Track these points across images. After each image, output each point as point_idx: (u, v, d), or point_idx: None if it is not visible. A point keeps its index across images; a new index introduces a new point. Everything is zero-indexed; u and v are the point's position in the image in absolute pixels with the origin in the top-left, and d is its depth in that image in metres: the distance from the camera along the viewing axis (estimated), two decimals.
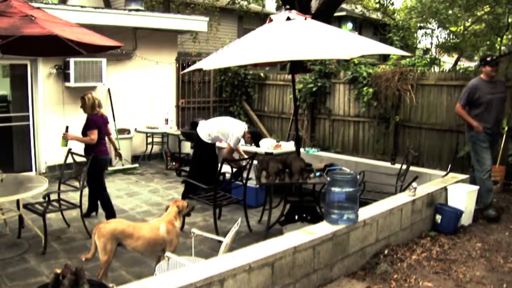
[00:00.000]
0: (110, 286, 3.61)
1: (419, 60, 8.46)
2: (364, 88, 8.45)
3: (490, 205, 5.47)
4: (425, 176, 5.82)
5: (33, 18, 4.06)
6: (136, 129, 9.04)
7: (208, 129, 6.12)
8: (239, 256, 3.08)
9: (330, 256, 3.68)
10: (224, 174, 5.71)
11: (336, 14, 17.17)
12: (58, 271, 2.60)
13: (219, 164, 5.23)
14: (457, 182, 5.38)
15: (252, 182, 5.87)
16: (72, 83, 7.90)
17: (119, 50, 8.26)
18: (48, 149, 7.97)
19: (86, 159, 5.23)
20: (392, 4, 16.96)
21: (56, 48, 5.02)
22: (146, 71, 9.16)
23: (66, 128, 5.55)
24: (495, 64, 5.51)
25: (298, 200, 5.32)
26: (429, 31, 20.96)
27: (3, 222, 5.22)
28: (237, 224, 3.47)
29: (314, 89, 9.18)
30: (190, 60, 9.71)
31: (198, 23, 9.57)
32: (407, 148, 7.17)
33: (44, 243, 4.72)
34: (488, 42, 14.80)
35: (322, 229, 3.69)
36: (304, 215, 5.21)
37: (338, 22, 20.76)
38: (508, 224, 5.28)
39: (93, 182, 5.45)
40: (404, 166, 5.69)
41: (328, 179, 3.92)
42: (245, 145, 6.71)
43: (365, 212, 4.09)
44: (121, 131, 8.69)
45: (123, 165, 8.46)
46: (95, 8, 8.54)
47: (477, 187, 5.33)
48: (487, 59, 5.53)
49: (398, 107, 8.19)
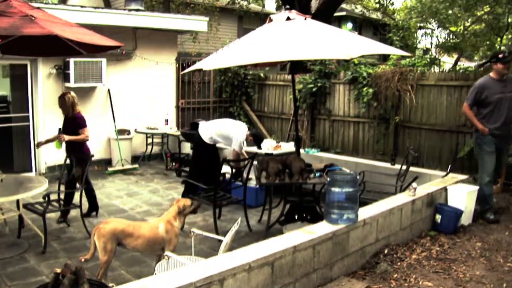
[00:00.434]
0: (110, 285, 3.61)
1: (419, 60, 8.46)
2: (364, 89, 8.45)
3: (489, 208, 5.43)
4: (425, 176, 5.82)
5: (33, 18, 4.06)
6: (136, 129, 9.04)
7: (209, 132, 6.10)
8: (239, 256, 3.08)
9: (330, 255, 3.68)
10: (224, 174, 5.72)
11: (336, 14, 17.18)
12: (58, 271, 2.60)
13: (220, 164, 5.23)
14: (457, 182, 5.38)
15: (252, 182, 5.87)
16: (72, 84, 7.90)
17: (119, 50, 8.26)
18: (48, 149, 7.93)
19: (70, 160, 5.28)
20: (392, 4, 16.99)
21: (56, 48, 5.02)
22: (146, 71, 9.16)
23: (59, 130, 5.61)
24: (507, 61, 5.21)
25: (298, 200, 5.32)
26: (429, 31, 21.00)
27: (3, 222, 5.23)
28: (237, 223, 3.47)
29: (314, 89, 9.18)
30: (190, 60, 9.71)
31: (198, 23, 9.57)
32: (407, 148, 7.16)
33: (44, 243, 4.73)
34: (488, 42, 14.82)
35: (322, 228, 3.70)
36: (304, 214, 5.21)
37: (338, 22, 20.77)
38: (508, 224, 5.28)
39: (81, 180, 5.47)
40: (404, 167, 5.69)
41: (328, 179, 3.92)
42: (246, 146, 6.70)
43: (365, 212, 4.09)
44: (121, 132, 8.70)
45: (123, 165, 8.46)
46: (95, 8, 8.55)
47: (476, 187, 5.33)
48: (499, 56, 5.27)
49: (398, 108, 8.19)
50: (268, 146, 6.89)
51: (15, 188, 4.84)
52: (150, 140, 9.25)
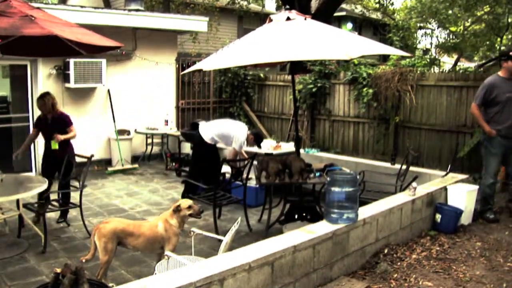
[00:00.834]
0: (110, 285, 3.61)
1: (419, 60, 8.46)
2: (364, 89, 8.45)
3: (489, 208, 5.43)
4: (425, 176, 5.82)
5: (33, 18, 4.06)
6: (136, 130, 9.04)
7: (210, 132, 6.11)
8: (239, 255, 3.08)
9: (330, 255, 3.68)
10: (224, 174, 5.72)
11: (336, 14, 17.18)
12: (58, 271, 2.60)
13: (220, 164, 5.23)
14: (456, 182, 5.38)
15: (252, 182, 5.87)
16: (72, 84, 7.91)
17: (119, 51, 8.25)
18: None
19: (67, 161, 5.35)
20: (392, 4, 16.99)
21: (56, 48, 5.02)
22: (146, 72, 9.16)
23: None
24: None
25: (298, 200, 5.33)
26: (429, 31, 21.00)
27: (3, 221, 5.22)
28: (237, 223, 3.47)
29: (314, 89, 9.17)
30: (190, 60, 9.71)
31: (198, 23, 9.57)
32: (407, 148, 7.17)
33: (44, 243, 4.73)
34: (488, 42, 14.83)
35: (322, 228, 3.69)
36: (304, 214, 5.21)
37: (338, 22, 20.78)
38: (508, 224, 5.28)
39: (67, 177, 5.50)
40: (404, 166, 5.70)
41: (328, 179, 3.92)
42: (247, 146, 6.70)
43: (365, 212, 4.09)
44: (121, 132, 8.70)
45: (123, 165, 8.47)
46: (95, 8, 8.55)
47: (476, 187, 5.33)
48: (510, 54, 5.15)
49: (398, 108, 8.19)
50: (268, 146, 6.89)
51: (15, 188, 4.85)
52: (150, 140, 9.26)
